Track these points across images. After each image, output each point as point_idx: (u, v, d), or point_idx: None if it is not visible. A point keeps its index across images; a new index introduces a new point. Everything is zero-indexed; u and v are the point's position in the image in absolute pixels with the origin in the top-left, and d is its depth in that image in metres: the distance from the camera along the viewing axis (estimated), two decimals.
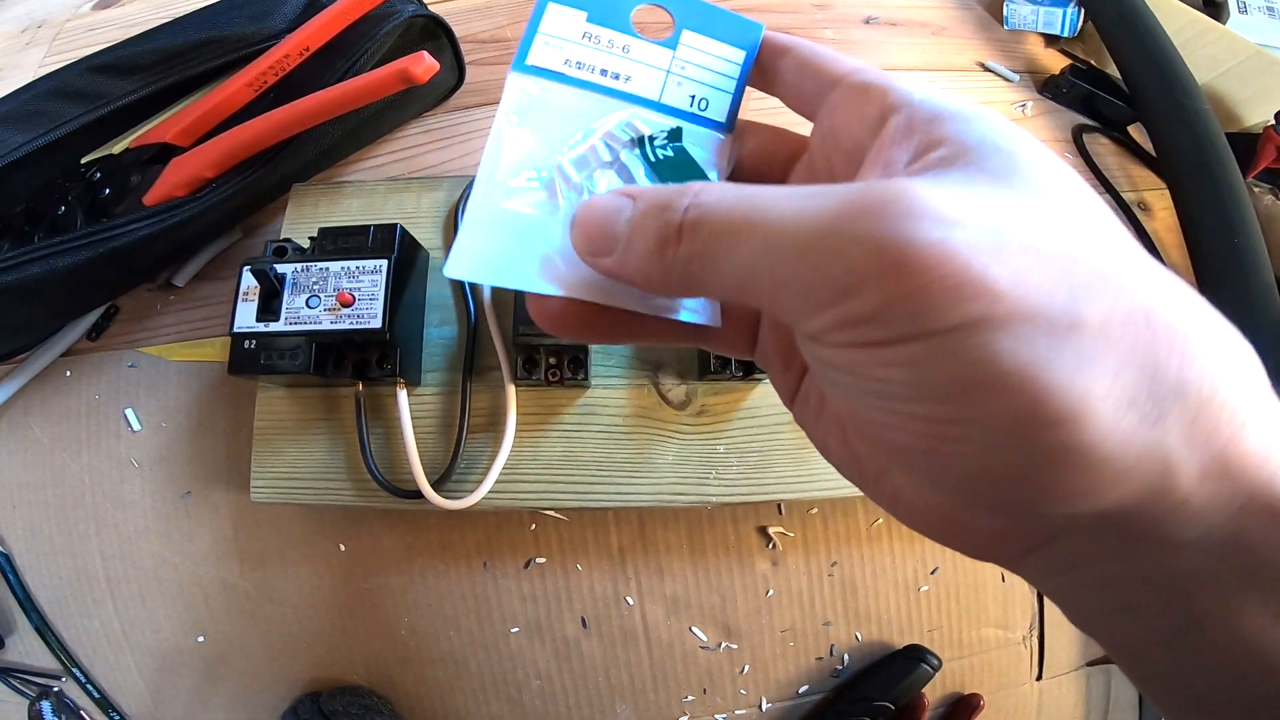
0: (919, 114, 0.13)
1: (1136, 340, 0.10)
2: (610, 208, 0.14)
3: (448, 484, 0.36)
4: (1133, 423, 0.10)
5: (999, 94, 0.55)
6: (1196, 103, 0.49)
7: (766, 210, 0.12)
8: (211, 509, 0.41)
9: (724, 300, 0.17)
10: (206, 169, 0.38)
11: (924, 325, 0.10)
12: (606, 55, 0.18)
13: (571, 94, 0.18)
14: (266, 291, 0.33)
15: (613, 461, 0.37)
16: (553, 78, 0.18)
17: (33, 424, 0.42)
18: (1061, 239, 0.11)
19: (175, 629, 0.40)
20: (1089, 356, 0.10)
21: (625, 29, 0.18)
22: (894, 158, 0.13)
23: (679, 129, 0.18)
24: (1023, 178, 0.12)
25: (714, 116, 0.19)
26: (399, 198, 0.42)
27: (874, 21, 0.57)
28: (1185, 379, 0.10)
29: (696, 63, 0.18)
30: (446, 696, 0.41)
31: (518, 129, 0.17)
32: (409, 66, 0.34)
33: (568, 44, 0.18)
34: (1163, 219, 0.52)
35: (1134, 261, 0.11)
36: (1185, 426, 0.10)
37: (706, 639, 0.41)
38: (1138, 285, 0.10)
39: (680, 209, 0.13)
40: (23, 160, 0.38)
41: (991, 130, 0.12)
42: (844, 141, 0.15)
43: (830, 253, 0.11)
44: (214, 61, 0.40)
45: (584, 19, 0.18)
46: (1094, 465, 0.10)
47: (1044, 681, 0.43)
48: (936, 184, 0.11)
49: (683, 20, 0.18)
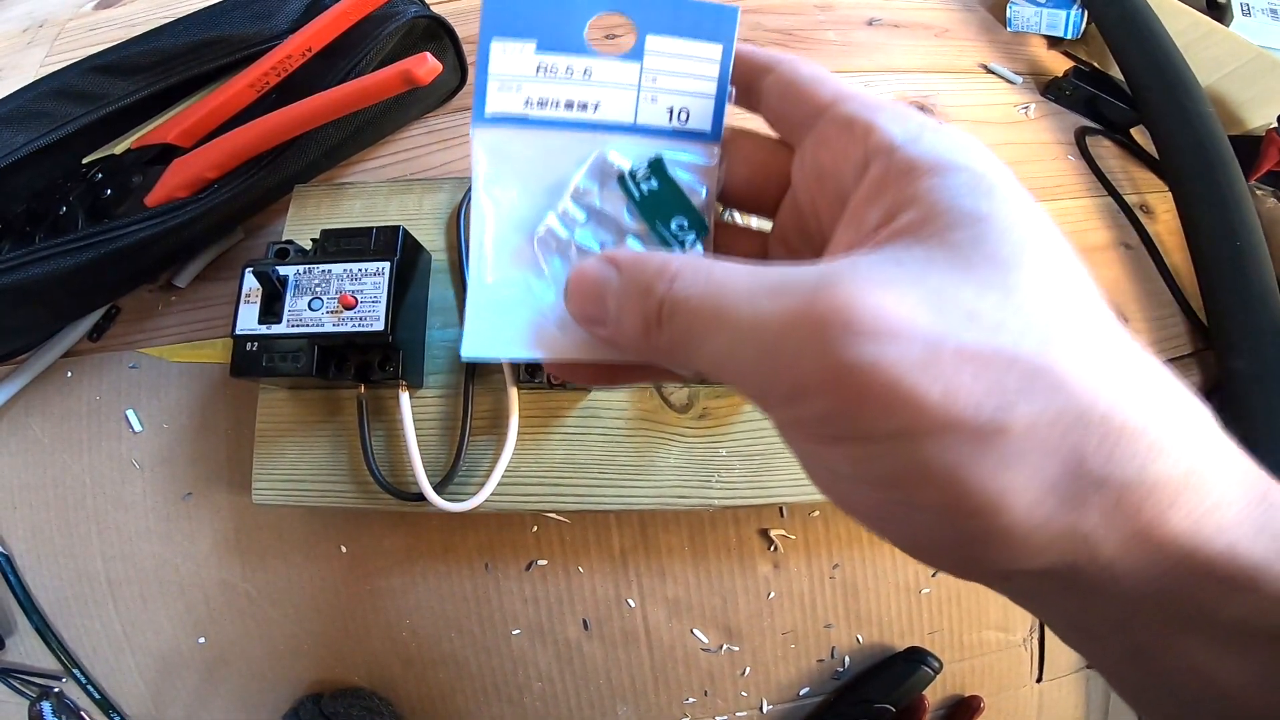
0: (896, 165, 0.13)
1: (1064, 439, 0.11)
2: (598, 279, 0.15)
3: (450, 486, 0.36)
4: (1050, 509, 0.11)
5: (1001, 96, 0.55)
6: (1199, 105, 0.49)
7: (732, 308, 0.13)
8: (213, 510, 0.41)
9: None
10: (208, 170, 0.38)
11: (862, 431, 0.11)
12: (568, 86, 0.17)
13: (541, 137, 0.17)
14: (268, 293, 0.33)
15: (614, 464, 0.37)
16: (517, 124, 0.17)
17: (34, 425, 0.42)
18: (1008, 335, 0.11)
19: (176, 630, 0.40)
20: (1010, 457, 0.11)
21: (581, 50, 0.16)
22: (867, 217, 0.14)
23: (659, 159, 0.17)
24: (989, 253, 0.12)
25: (698, 127, 0.17)
26: (401, 199, 0.42)
27: (877, 23, 0.57)
28: (1109, 470, 0.11)
29: (668, 70, 0.17)
30: (448, 698, 0.41)
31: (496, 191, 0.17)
32: (412, 67, 0.34)
33: (524, 82, 0.16)
34: (1165, 221, 0.52)
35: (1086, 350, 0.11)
36: (1106, 511, 0.11)
37: (708, 641, 0.41)
38: (1079, 382, 0.11)
39: (658, 296, 0.14)
40: (24, 161, 0.38)
41: (968, 190, 0.12)
42: (829, 184, 0.15)
43: (782, 361, 0.12)
44: (216, 62, 0.40)
45: (533, 49, 0.16)
46: (1014, 543, 0.11)
47: (1044, 684, 0.43)
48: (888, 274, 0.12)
49: (644, 24, 0.16)
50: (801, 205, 0.16)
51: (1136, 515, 0.11)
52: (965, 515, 0.11)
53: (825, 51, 0.55)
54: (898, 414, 0.11)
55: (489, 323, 0.16)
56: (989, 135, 0.53)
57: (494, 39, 0.16)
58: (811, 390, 0.12)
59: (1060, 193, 0.51)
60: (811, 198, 0.16)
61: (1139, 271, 0.50)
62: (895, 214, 0.13)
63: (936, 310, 0.11)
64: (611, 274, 0.15)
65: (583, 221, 0.17)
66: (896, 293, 0.11)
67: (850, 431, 0.12)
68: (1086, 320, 0.12)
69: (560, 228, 0.17)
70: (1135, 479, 0.11)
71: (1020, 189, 0.13)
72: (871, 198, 0.14)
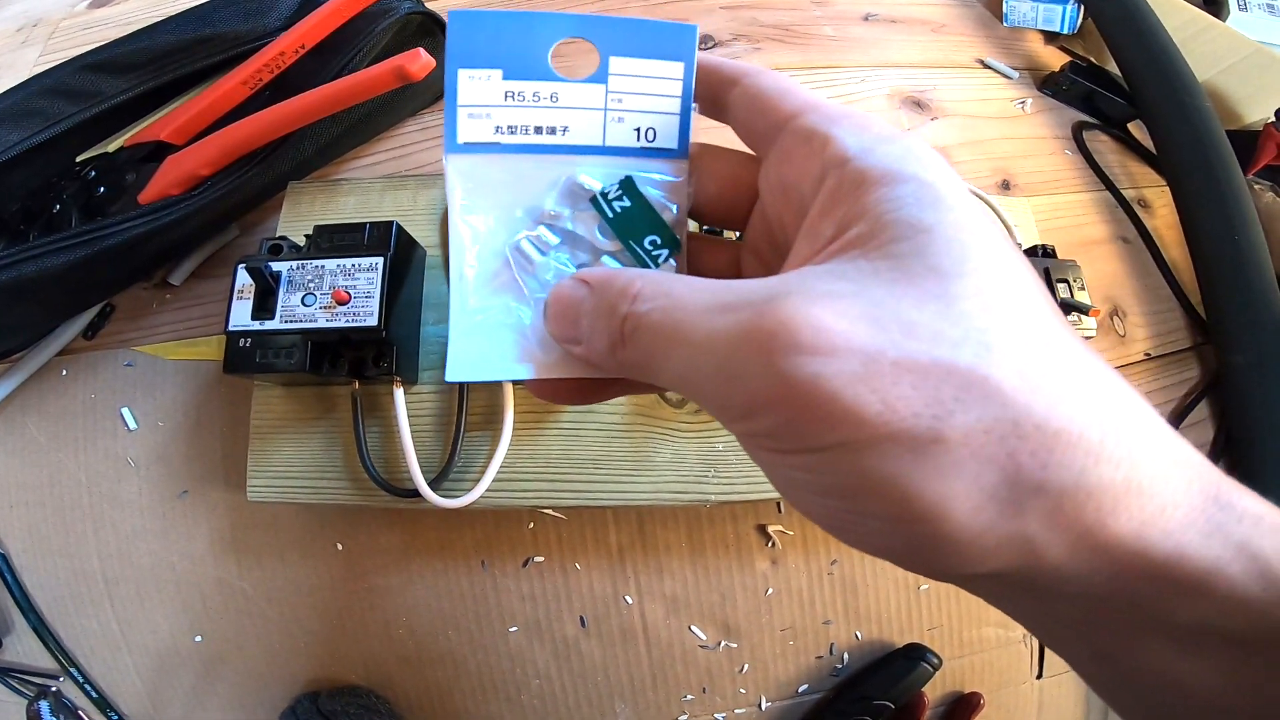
0: (848, 177, 0.14)
1: (1000, 447, 0.11)
2: (572, 299, 0.15)
3: (445, 483, 0.36)
4: (991, 514, 0.11)
5: (998, 91, 0.55)
6: (1197, 100, 0.49)
7: (689, 326, 0.13)
8: (209, 508, 0.41)
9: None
10: (202, 167, 0.38)
11: (809, 444, 0.12)
12: (536, 111, 0.17)
13: (513, 162, 0.17)
14: (262, 289, 0.33)
15: (611, 460, 0.36)
16: (489, 151, 0.17)
17: (29, 423, 0.42)
18: (945, 346, 0.11)
19: (173, 628, 0.40)
20: (948, 465, 0.11)
21: (547, 75, 0.17)
22: (822, 230, 0.14)
23: (629, 179, 0.17)
24: (931, 263, 0.12)
25: (665, 145, 0.18)
26: (395, 195, 0.42)
27: (873, 18, 0.57)
28: (1046, 477, 0.11)
29: (633, 91, 0.17)
30: (445, 696, 0.40)
31: (472, 217, 0.17)
32: (405, 64, 0.33)
33: (493, 109, 0.17)
34: (1163, 216, 0.52)
35: (1025, 358, 0.11)
36: (1046, 516, 0.11)
37: (706, 638, 0.41)
38: (1014, 390, 0.11)
39: (621, 314, 0.14)
40: (17, 159, 0.38)
41: (914, 200, 0.13)
42: (792, 196, 0.15)
43: (733, 379, 0.12)
44: (209, 59, 0.40)
45: (500, 77, 0.16)
46: (961, 548, 0.12)
47: (1044, 680, 0.43)
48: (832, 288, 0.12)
49: (606, 47, 0.17)
50: (769, 217, 0.17)
51: (1078, 520, 0.11)
52: (909, 522, 0.12)
53: (822, 46, 0.55)
54: (839, 427, 0.11)
55: (472, 346, 0.17)
56: (986, 130, 0.53)
57: (461, 69, 0.16)
58: (760, 406, 0.12)
59: (1058, 187, 0.51)
60: (778, 210, 0.16)
61: (1137, 266, 0.50)
62: (846, 227, 0.13)
63: (877, 323, 0.12)
64: (584, 293, 0.15)
65: (558, 244, 0.17)
66: (839, 307, 0.12)
67: (798, 445, 0.12)
68: (1027, 327, 0.12)
69: (535, 251, 0.17)
70: (1074, 485, 0.11)
71: (967, 198, 0.13)
72: (826, 210, 0.14)
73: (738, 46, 0.54)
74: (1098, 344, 0.46)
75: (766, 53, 0.54)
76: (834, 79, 0.53)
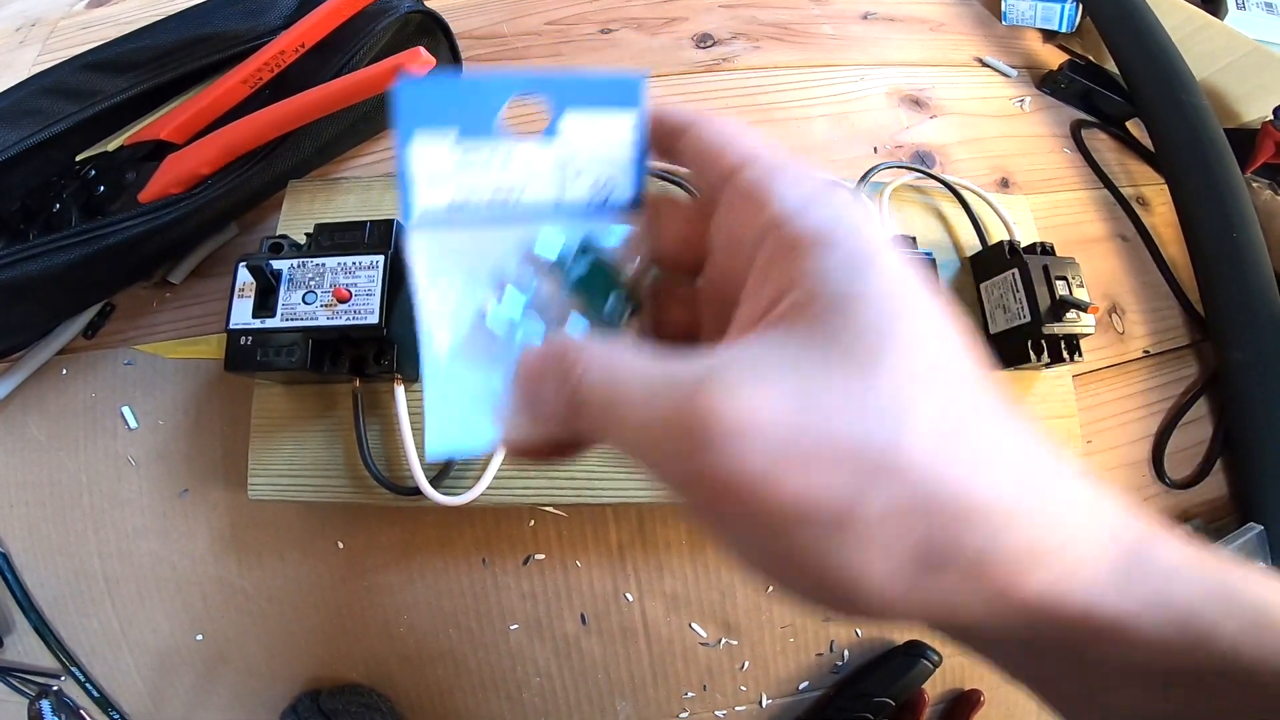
0: (784, 241, 0.14)
1: (913, 524, 0.12)
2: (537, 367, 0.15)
3: (446, 480, 0.36)
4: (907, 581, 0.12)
5: (997, 89, 0.55)
6: (1195, 98, 0.49)
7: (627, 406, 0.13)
8: (209, 507, 0.41)
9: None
10: (202, 166, 0.38)
11: (731, 528, 0.13)
12: (490, 173, 0.17)
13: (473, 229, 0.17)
14: (262, 288, 0.33)
15: (611, 457, 0.36)
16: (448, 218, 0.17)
17: (29, 422, 0.42)
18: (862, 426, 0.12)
19: (174, 627, 0.40)
20: (864, 541, 0.12)
21: (501, 136, 0.17)
22: (761, 295, 0.14)
23: (586, 241, 0.17)
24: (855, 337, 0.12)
25: (621, 198, 0.18)
26: (395, 193, 0.42)
27: (872, 17, 0.57)
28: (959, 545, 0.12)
29: (587, 145, 0.17)
30: (446, 694, 0.40)
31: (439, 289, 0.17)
32: (405, 62, 0.34)
33: (449, 176, 0.17)
34: (1161, 214, 0.52)
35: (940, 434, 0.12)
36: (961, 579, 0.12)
37: (706, 635, 0.41)
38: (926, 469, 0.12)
39: (570, 386, 0.14)
40: (17, 158, 0.38)
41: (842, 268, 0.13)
42: (739, 251, 0.15)
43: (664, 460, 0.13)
44: (209, 58, 0.40)
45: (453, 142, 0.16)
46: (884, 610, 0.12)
47: None
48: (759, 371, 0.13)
49: (556, 103, 0.17)
50: (721, 267, 0.17)
51: (990, 583, 0.12)
52: (832, 592, 0.12)
53: (821, 45, 0.55)
54: (758, 511, 0.12)
55: (450, 419, 0.17)
56: (985, 128, 0.53)
57: (413, 136, 0.16)
58: (687, 489, 0.13)
59: (1056, 185, 0.51)
60: (729, 262, 0.16)
61: (1136, 264, 0.50)
62: (781, 295, 0.14)
63: (801, 404, 0.12)
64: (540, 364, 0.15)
65: (523, 308, 0.17)
66: (764, 390, 0.12)
67: (723, 527, 0.13)
68: (948, 399, 0.12)
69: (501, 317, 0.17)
70: (984, 552, 0.12)
71: (897, 261, 0.13)
72: (764, 275, 0.14)
73: (737, 45, 0.54)
74: (1096, 341, 0.46)
75: (765, 51, 0.54)
76: (833, 77, 0.53)
